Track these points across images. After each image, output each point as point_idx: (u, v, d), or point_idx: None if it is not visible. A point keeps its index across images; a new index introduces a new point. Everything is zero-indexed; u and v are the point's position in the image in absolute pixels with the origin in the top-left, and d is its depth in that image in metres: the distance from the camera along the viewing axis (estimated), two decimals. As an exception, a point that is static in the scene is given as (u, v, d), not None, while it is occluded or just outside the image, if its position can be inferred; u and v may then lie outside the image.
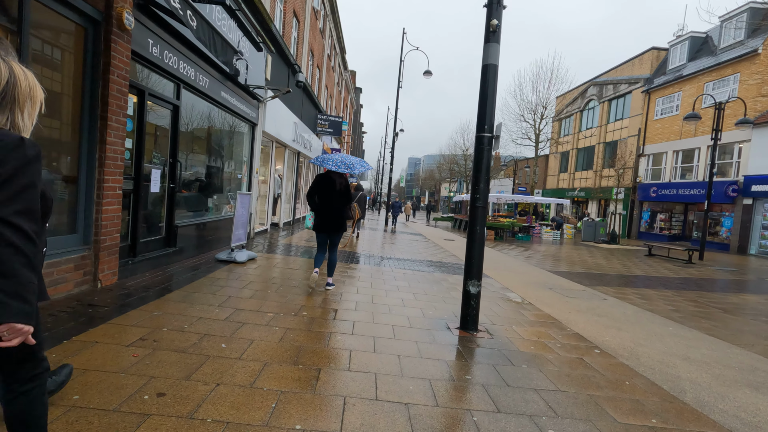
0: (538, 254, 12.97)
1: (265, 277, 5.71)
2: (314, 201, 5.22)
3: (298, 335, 3.56)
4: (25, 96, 1.29)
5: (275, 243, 9.28)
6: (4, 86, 1.24)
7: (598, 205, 28.09)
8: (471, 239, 4.25)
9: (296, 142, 13.32)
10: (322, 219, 5.18)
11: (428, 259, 9.42)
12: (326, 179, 5.16)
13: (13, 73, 1.26)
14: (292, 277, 5.88)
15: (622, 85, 25.94)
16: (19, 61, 1.30)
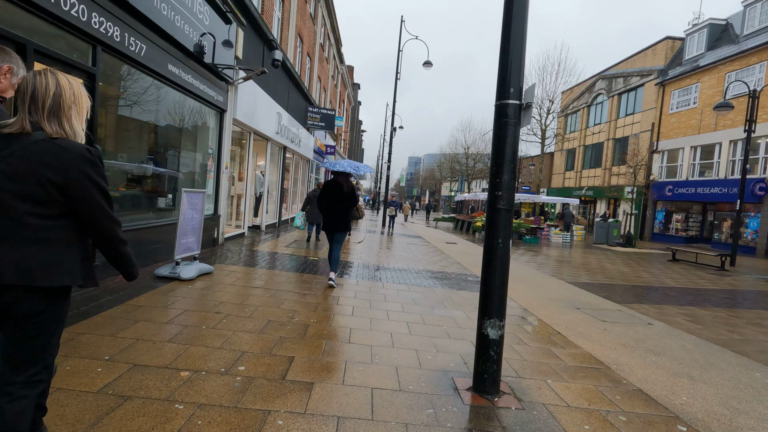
0: (551, 260, 11.58)
1: (210, 302, 4.33)
2: (323, 203, 5.70)
3: (217, 415, 2.18)
4: (71, 103, 1.44)
5: (248, 251, 7.91)
6: (52, 97, 1.39)
7: (608, 204, 26.68)
8: (490, 257, 2.87)
9: (281, 135, 11.94)
10: (329, 219, 5.68)
11: (428, 269, 8.04)
12: (334, 183, 5.70)
13: (59, 84, 1.42)
14: (248, 302, 4.50)
15: (633, 78, 24.54)
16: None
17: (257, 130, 9.78)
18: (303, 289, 5.26)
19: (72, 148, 1.38)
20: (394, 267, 7.90)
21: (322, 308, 4.51)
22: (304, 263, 7.23)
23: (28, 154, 1.34)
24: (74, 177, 1.37)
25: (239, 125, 8.84)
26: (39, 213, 1.36)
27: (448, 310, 5.02)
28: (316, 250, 9.09)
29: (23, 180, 1.33)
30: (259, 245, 8.80)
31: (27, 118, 1.37)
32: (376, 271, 7.28)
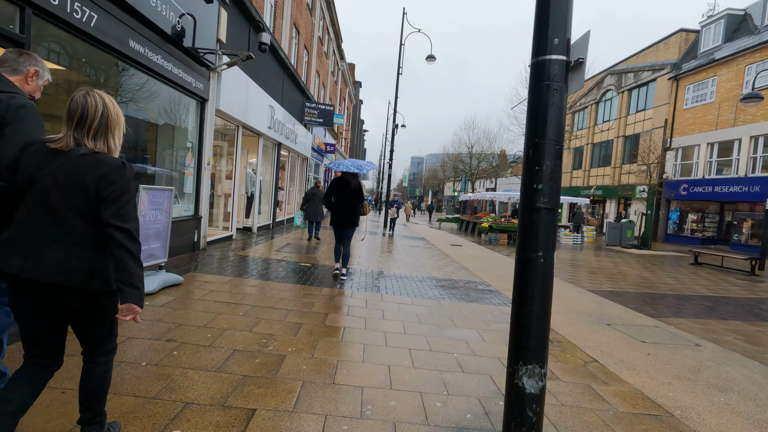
0: (565, 264, 10.73)
1: (164, 325, 3.52)
2: (331, 201, 6.03)
3: None
4: (114, 122, 1.60)
5: (232, 256, 7.11)
6: (99, 119, 1.54)
7: (618, 204, 25.74)
8: (526, 276, 2.04)
9: (274, 130, 11.15)
10: (338, 215, 6.00)
11: (433, 276, 7.21)
12: (342, 181, 6.01)
13: (106, 105, 1.57)
14: (213, 323, 3.69)
15: (644, 73, 23.61)
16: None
17: (246, 124, 8.98)
18: (286, 305, 4.46)
19: (109, 162, 1.52)
20: (396, 274, 7.08)
21: (305, 331, 3.69)
22: (295, 270, 6.43)
23: (74, 167, 1.48)
24: (107, 190, 1.49)
25: (224, 117, 8.04)
26: (83, 220, 1.50)
27: (459, 330, 4.20)
28: (311, 254, 8.29)
29: (70, 190, 1.48)
30: (247, 249, 8.00)
31: (72, 135, 1.52)
32: (375, 279, 6.46)
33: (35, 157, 1.49)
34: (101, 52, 4.52)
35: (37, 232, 1.47)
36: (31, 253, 1.45)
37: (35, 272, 1.44)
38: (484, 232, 16.39)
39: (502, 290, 6.49)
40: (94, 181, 1.48)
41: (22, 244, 1.47)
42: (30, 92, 1.88)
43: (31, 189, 1.48)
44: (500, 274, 8.06)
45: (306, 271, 6.43)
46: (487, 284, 6.95)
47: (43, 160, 1.49)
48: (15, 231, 1.49)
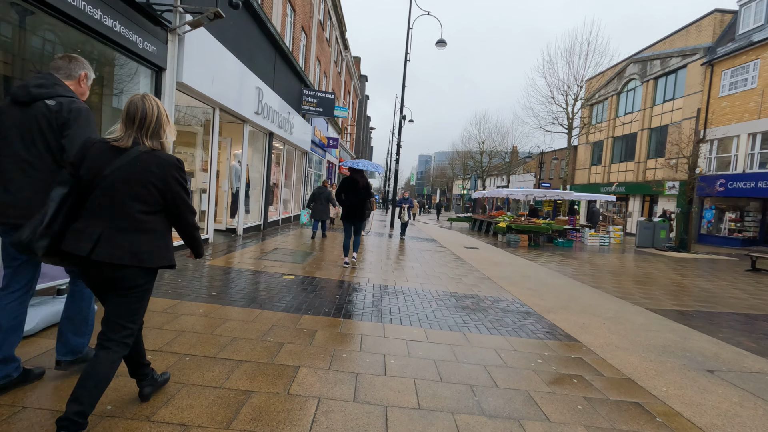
0: (603, 271, 9.13)
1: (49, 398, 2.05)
2: (341, 198, 6.76)
3: None
4: (165, 122, 1.84)
5: (194, 268, 5.66)
6: (155, 120, 1.79)
7: (642, 202, 23.94)
8: None
9: (264, 117, 9.70)
10: (349, 210, 6.74)
11: (450, 291, 5.69)
12: (351, 180, 6.73)
13: (159, 108, 1.82)
14: (110, 397, 2.21)
15: (672, 59, 21.77)
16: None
17: (225, 106, 7.53)
18: (239, 349, 2.98)
19: (167, 157, 1.81)
20: (404, 288, 5.57)
21: (249, 415, 2.20)
22: (270, 288, 4.95)
23: (136, 163, 1.74)
24: (169, 180, 1.79)
25: (192, 94, 6.59)
26: (145, 210, 1.76)
27: (508, 398, 2.66)
28: (301, 260, 6.82)
29: (133, 183, 1.73)
30: (221, 257, 6.54)
31: (132, 135, 1.77)
32: (378, 298, 4.96)
33: (100, 155, 1.74)
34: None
35: (105, 221, 1.72)
36: (101, 239, 1.70)
37: (108, 255, 1.69)
38: (501, 233, 14.81)
39: (543, 312, 4.95)
40: (159, 177, 1.76)
41: (92, 231, 1.71)
42: (81, 94, 2.16)
43: (99, 183, 1.72)
44: (533, 287, 6.50)
45: (288, 289, 4.95)
46: (521, 302, 5.42)
47: (107, 157, 1.73)
48: (85, 220, 1.73)
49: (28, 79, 2.06)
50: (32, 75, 2.10)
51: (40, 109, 1.94)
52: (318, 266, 6.60)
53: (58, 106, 1.95)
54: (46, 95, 1.96)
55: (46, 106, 1.95)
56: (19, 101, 1.96)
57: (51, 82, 2.00)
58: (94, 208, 1.72)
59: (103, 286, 1.80)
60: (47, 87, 1.98)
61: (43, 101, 1.95)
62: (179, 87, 5.97)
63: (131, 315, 1.82)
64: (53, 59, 2.12)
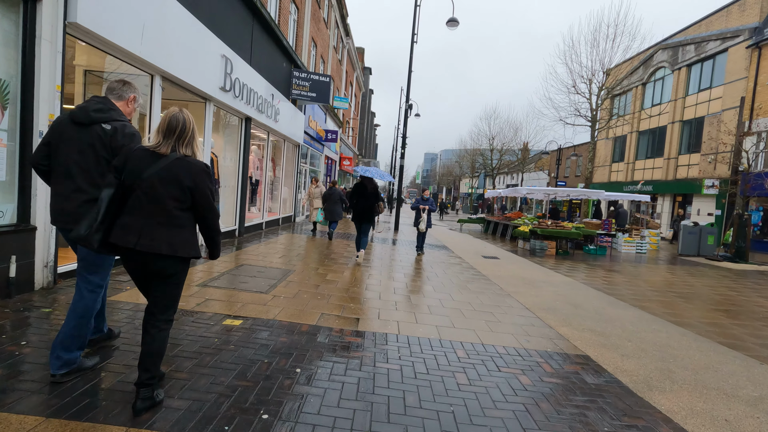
0: (667, 293, 7.07)
1: None
2: (353, 201, 7.56)
3: None
4: (196, 133, 2.13)
5: (63, 309, 3.67)
6: (190, 132, 2.08)
7: (672, 202, 21.72)
8: None
9: (235, 95, 7.74)
10: (359, 212, 7.49)
11: (480, 341, 3.69)
12: (362, 185, 7.52)
13: (192, 121, 2.11)
14: None
15: (709, 44, 19.52)
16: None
17: (169, 73, 5.56)
18: None
19: (197, 163, 2.08)
20: (414, 340, 3.57)
21: None
22: (184, 357, 2.96)
23: (173, 167, 2.01)
24: (198, 182, 2.04)
25: (107, 48, 4.59)
26: (179, 207, 2.04)
27: None
28: (263, 292, 4.84)
29: (170, 184, 1.99)
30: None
31: (170, 144, 2.04)
32: (370, 374, 2.96)
33: (141, 160, 2.01)
34: None
35: (147, 216, 2.00)
36: (144, 233, 1.98)
37: (147, 246, 1.97)
38: (524, 239, 12.75)
39: (641, 387, 2.92)
40: (188, 179, 2.01)
41: (136, 226, 1.99)
42: (128, 114, 2.47)
43: (140, 184, 1.98)
44: (596, 328, 4.47)
45: (213, 356, 2.96)
46: (595, 362, 3.41)
47: (147, 162, 2.01)
48: (129, 216, 2.01)
49: (88, 102, 2.32)
50: (92, 99, 2.34)
51: (96, 131, 2.25)
52: (289, 297, 4.62)
53: (113, 131, 2.26)
54: (103, 119, 2.27)
55: (102, 129, 2.25)
56: (78, 122, 2.25)
57: (107, 107, 2.31)
58: (135, 206, 2.01)
59: (144, 274, 2.14)
60: (104, 112, 2.28)
61: (100, 125, 2.26)
62: (72, 31, 3.97)
63: (172, 298, 2.15)
64: (110, 81, 2.45)
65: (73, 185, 2.25)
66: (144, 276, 2.16)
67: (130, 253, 2.03)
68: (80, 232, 1.98)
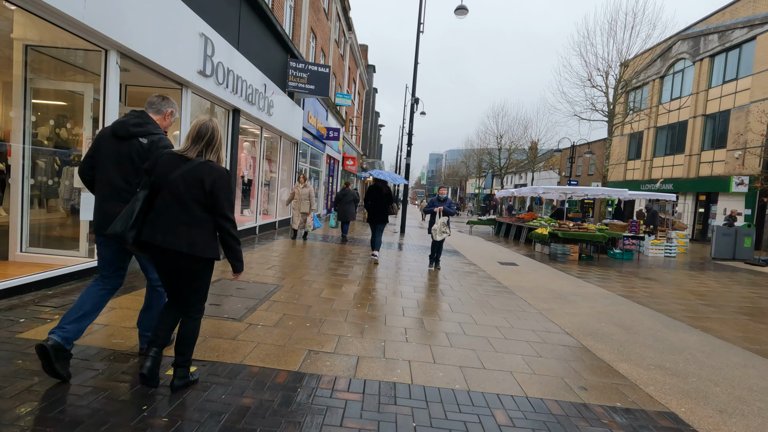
0: (724, 308, 5.99)
1: None
2: (368, 203, 7.79)
3: None
4: (222, 142, 2.30)
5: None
6: (218, 140, 2.26)
7: (695, 201, 20.50)
8: None
9: (218, 83, 6.79)
10: (373, 213, 7.76)
11: (524, 394, 2.65)
12: (376, 188, 7.83)
13: (219, 131, 2.29)
14: None
15: (735, 32, 18.33)
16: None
17: (128, 48, 4.59)
18: None
19: (218, 168, 2.20)
20: (432, 393, 2.55)
21: None
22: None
23: (196, 171, 2.14)
24: (218, 186, 2.15)
25: (33, 7, 3.62)
26: (201, 208, 2.16)
27: None
28: (236, 319, 3.85)
29: (193, 186, 2.12)
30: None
31: (198, 149, 2.19)
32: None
33: (168, 163, 2.16)
34: None
35: (171, 216, 2.13)
36: (168, 231, 2.11)
37: (171, 244, 2.10)
38: (542, 242, 11.68)
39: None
40: (209, 183, 2.13)
41: (162, 224, 2.12)
42: (165, 127, 2.63)
43: (166, 185, 2.12)
44: (664, 364, 3.42)
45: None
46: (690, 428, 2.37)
47: (174, 165, 2.15)
48: (156, 215, 2.14)
49: (127, 117, 2.45)
50: (131, 113, 2.48)
51: (134, 145, 2.40)
52: (270, 326, 3.62)
53: (149, 144, 2.41)
54: (141, 134, 2.42)
55: (140, 143, 2.40)
56: (118, 135, 2.40)
57: (145, 121, 2.47)
58: (162, 206, 2.14)
59: (170, 270, 2.23)
60: (142, 126, 2.44)
61: (138, 139, 2.41)
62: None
63: (198, 292, 2.30)
64: (151, 96, 2.62)
65: (114, 195, 2.40)
66: (170, 272, 2.24)
67: (157, 251, 2.16)
68: (116, 229, 2.10)
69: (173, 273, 2.23)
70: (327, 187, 20.23)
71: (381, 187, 7.82)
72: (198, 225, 2.14)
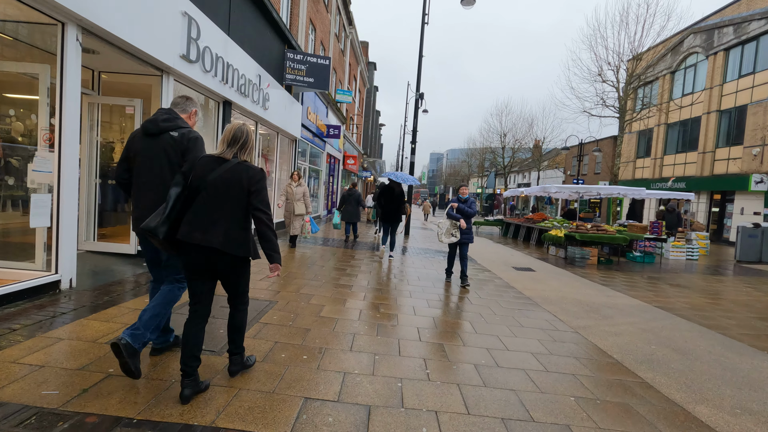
0: None
1: None
2: (381, 203, 8.01)
3: None
4: (254, 143, 2.47)
5: None
6: (251, 142, 2.35)
7: (709, 200, 19.75)
8: None
9: (206, 70, 6.07)
10: (386, 213, 7.98)
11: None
12: (389, 188, 8.01)
13: (251, 131, 2.38)
14: None
15: (752, 24, 17.58)
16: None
17: (90, 22, 3.87)
18: None
19: (254, 168, 2.30)
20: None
21: None
22: None
23: (233, 171, 2.23)
24: (255, 185, 2.25)
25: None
26: (238, 207, 2.24)
27: None
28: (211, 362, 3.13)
29: (230, 186, 2.22)
30: (37, 335, 2.88)
31: (234, 151, 2.29)
32: None
33: (207, 165, 2.24)
34: None
35: (210, 215, 2.20)
36: (207, 229, 2.18)
37: (210, 242, 2.16)
38: (556, 244, 10.94)
39: None
40: (246, 180, 2.23)
41: (200, 223, 2.18)
42: (191, 125, 2.73)
43: (205, 187, 2.20)
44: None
45: None
46: None
47: (211, 167, 2.23)
48: (194, 215, 2.20)
49: (156, 115, 2.55)
50: (159, 111, 2.58)
51: (166, 139, 2.50)
52: (258, 360, 2.89)
53: (180, 136, 2.52)
54: (171, 128, 2.52)
55: (170, 136, 2.50)
56: (150, 133, 2.51)
57: (173, 116, 2.57)
58: (200, 206, 2.20)
59: (205, 268, 2.26)
60: (171, 121, 2.54)
61: (168, 133, 2.51)
62: None
63: (239, 286, 2.45)
64: (175, 97, 2.77)
65: (150, 192, 2.48)
66: (206, 270, 2.28)
67: (194, 249, 2.20)
68: (149, 224, 2.17)
69: (207, 273, 2.29)
70: (327, 187, 19.50)
71: (394, 187, 8.02)
72: (235, 224, 2.24)
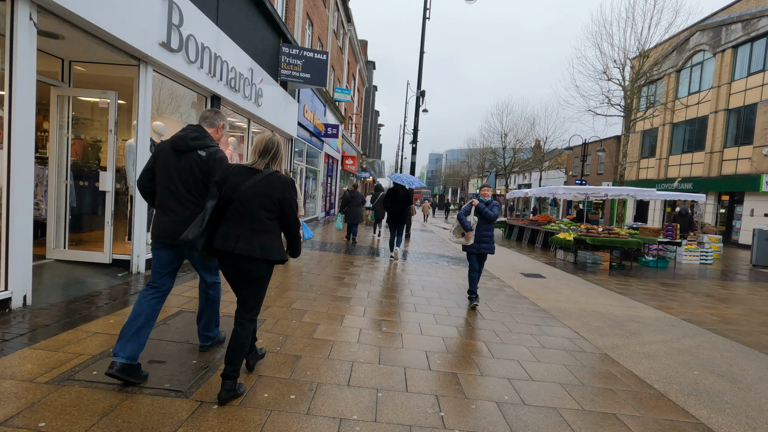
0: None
1: None
2: (387, 205, 8.24)
3: None
4: (284, 154, 2.46)
5: None
6: (281, 153, 2.41)
7: (716, 201, 19.27)
8: None
9: (190, 61, 5.55)
10: (393, 215, 8.17)
11: None
12: (395, 190, 8.25)
13: (282, 142, 2.44)
14: None
15: (762, 20, 17.12)
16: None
17: (54, 1, 3.33)
18: None
19: (285, 178, 2.37)
20: None
21: None
22: None
23: (265, 181, 2.30)
24: (286, 194, 2.33)
25: None
26: (269, 216, 2.32)
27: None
28: (183, 377, 2.60)
29: (262, 196, 2.29)
30: None
31: (265, 162, 2.35)
32: None
33: (240, 176, 2.31)
34: None
35: (243, 224, 2.29)
36: (240, 238, 2.27)
37: (244, 250, 2.25)
38: (566, 248, 10.44)
39: None
40: (279, 191, 2.31)
41: (234, 232, 2.28)
42: (217, 139, 2.77)
43: (237, 197, 2.28)
44: None
45: None
46: None
47: (243, 177, 2.31)
48: (229, 224, 2.30)
49: (186, 131, 2.60)
50: (188, 128, 2.63)
51: (194, 157, 2.55)
52: (237, 403, 2.37)
53: (207, 156, 2.56)
54: (199, 147, 2.57)
55: (198, 155, 2.55)
56: (178, 149, 2.55)
57: (202, 135, 2.61)
58: (234, 215, 2.30)
59: (237, 276, 2.37)
60: (200, 140, 2.59)
61: (196, 151, 2.56)
62: None
63: (256, 300, 2.42)
64: (204, 111, 2.81)
65: (175, 204, 2.55)
66: (236, 278, 2.40)
67: (228, 257, 2.30)
68: (188, 237, 2.25)
69: (240, 279, 2.38)
70: (325, 188, 18.97)
71: (399, 189, 8.24)
72: (267, 231, 2.32)
